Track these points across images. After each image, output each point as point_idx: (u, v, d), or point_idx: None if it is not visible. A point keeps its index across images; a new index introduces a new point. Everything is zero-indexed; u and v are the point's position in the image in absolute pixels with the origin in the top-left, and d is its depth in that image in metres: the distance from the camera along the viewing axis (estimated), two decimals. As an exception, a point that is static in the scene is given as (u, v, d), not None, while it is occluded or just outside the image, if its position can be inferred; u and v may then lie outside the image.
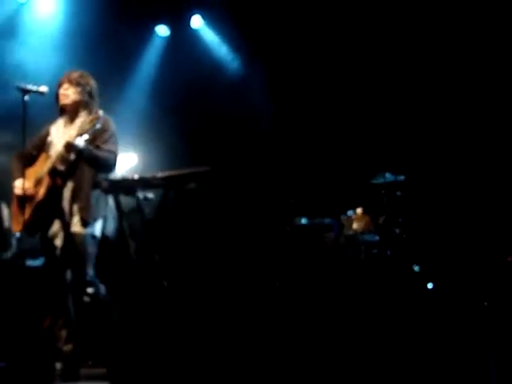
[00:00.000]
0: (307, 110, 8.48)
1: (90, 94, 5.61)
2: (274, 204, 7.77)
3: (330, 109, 8.40)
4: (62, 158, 5.39)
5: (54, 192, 5.41)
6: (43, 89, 5.49)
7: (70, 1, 8.25)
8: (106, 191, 5.11)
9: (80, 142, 5.28)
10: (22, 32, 7.98)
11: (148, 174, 4.86)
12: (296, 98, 8.60)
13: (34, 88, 5.43)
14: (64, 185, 5.41)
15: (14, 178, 5.53)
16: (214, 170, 4.96)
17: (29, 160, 5.57)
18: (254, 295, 6.90)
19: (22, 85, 5.39)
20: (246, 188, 8.02)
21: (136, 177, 4.84)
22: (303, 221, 7.53)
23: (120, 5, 8.29)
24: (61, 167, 5.42)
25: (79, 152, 5.32)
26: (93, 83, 5.66)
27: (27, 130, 5.43)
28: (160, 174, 4.82)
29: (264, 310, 6.68)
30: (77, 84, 5.55)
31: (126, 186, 4.81)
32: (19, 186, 5.46)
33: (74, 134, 5.33)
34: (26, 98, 5.36)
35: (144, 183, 4.82)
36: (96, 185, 5.17)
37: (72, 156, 5.37)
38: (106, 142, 5.46)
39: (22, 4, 8.16)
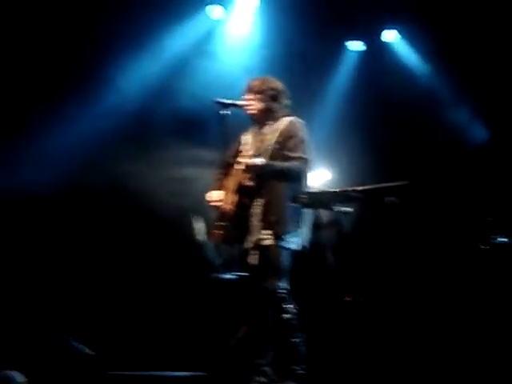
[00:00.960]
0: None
1: (274, 98, 5.54)
2: (472, 221, 7.48)
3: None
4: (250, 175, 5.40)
5: (241, 208, 5.41)
6: (240, 102, 5.57)
7: (263, 19, 8.36)
8: (305, 205, 5.06)
9: (258, 160, 5.27)
10: (216, 49, 8.16)
11: (346, 188, 4.79)
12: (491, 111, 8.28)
13: (231, 101, 5.51)
14: (252, 201, 5.41)
15: (210, 189, 5.62)
16: (414, 185, 4.83)
17: (228, 170, 5.63)
18: (452, 315, 6.68)
19: (220, 99, 5.48)
20: (443, 204, 7.78)
21: (335, 190, 4.79)
22: (503, 240, 7.18)
23: (312, 22, 8.28)
24: (248, 183, 5.42)
25: (260, 171, 5.30)
26: (276, 86, 5.57)
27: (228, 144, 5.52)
28: (358, 188, 4.74)
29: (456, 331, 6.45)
30: (258, 92, 5.52)
31: (324, 200, 4.77)
32: (208, 198, 5.55)
33: (251, 154, 5.34)
34: (224, 112, 5.44)
35: (342, 196, 4.76)
36: (294, 199, 5.11)
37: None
38: (292, 149, 5.36)
39: (218, 22, 8.33)
